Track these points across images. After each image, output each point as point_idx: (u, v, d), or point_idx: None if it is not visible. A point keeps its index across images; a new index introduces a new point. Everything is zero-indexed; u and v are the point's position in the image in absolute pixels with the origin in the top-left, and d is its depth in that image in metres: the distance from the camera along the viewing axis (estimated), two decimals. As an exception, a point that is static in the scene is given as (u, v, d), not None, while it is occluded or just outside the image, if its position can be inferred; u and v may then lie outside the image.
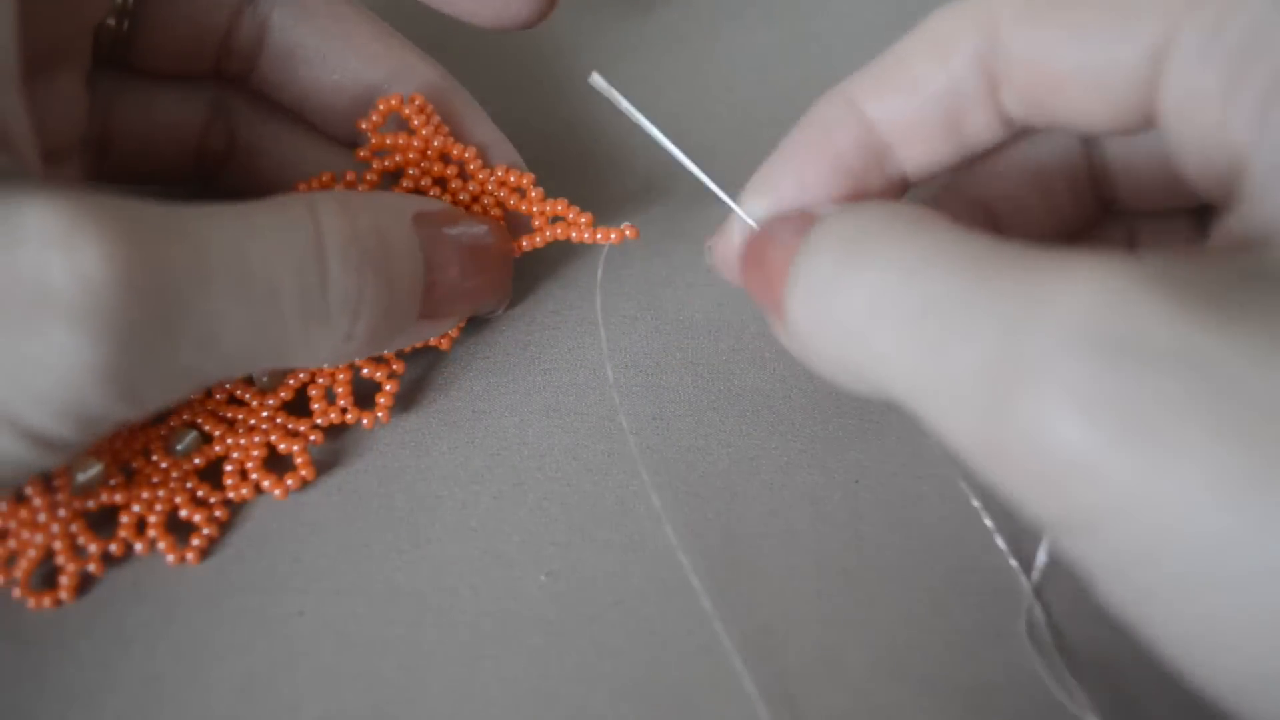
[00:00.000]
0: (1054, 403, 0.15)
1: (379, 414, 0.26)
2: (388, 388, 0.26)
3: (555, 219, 0.26)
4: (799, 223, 0.21)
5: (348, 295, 0.22)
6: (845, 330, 0.18)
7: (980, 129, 0.22)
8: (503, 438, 0.27)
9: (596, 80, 0.23)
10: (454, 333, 0.27)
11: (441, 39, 0.30)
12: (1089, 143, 0.23)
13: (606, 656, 0.23)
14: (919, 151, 0.22)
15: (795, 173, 0.23)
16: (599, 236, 0.26)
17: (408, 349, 0.27)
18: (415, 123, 0.26)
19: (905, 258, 0.18)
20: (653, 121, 0.24)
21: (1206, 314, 0.14)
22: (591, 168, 0.32)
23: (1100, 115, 0.20)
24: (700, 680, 0.22)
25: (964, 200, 0.24)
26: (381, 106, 0.26)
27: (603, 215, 0.26)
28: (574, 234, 0.26)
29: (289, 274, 0.21)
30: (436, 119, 0.27)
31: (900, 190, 0.23)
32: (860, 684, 0.22)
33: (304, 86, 0.27)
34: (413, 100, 0.26)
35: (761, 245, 0.22)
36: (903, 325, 0.17)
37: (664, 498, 0.25)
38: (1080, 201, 0.24)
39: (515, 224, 0.27)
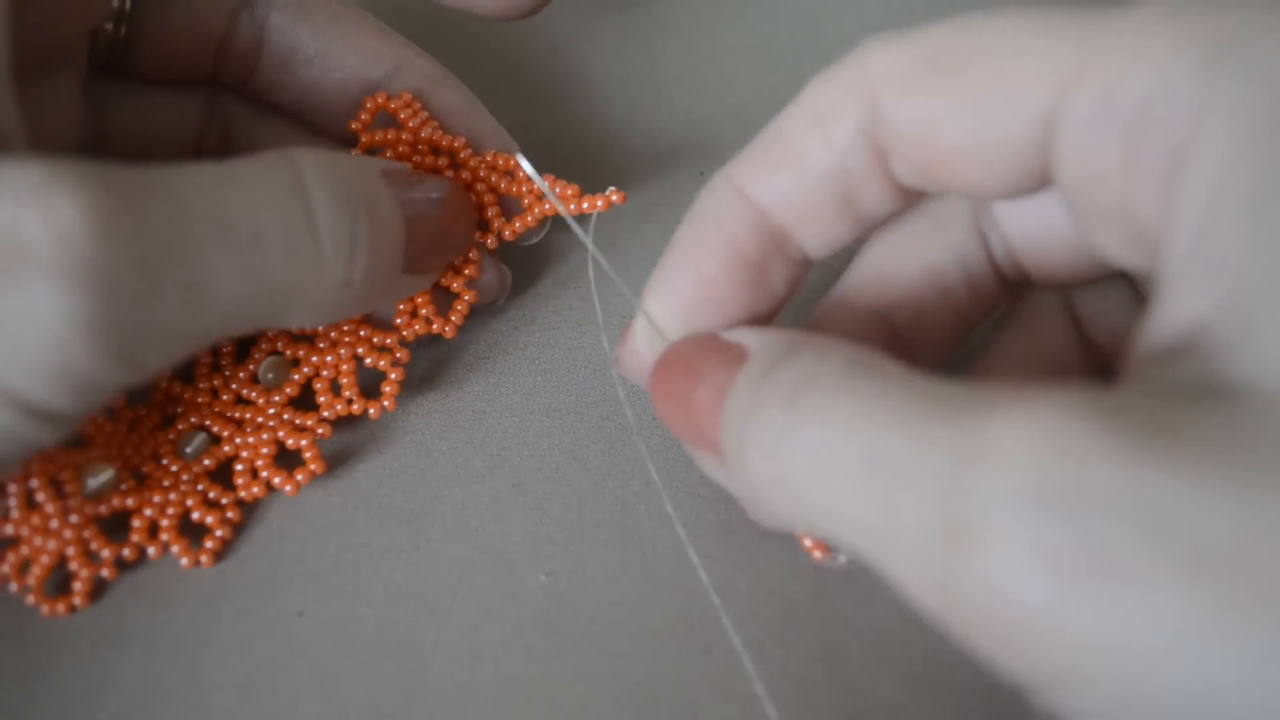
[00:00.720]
0: (1006, 560, 0.14)
1: (385, 403, 0.26)
2: (393, 376, 0.26)
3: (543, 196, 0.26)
4: (721, 356, 0.20)
5: (340, 235, 0.21)
6: (797, 486, 0.17)
7: (875, 202, 0.21)
8: (503, 438, 0.27)
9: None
10: (458, 320, 0.27)
11: (437, 36, 0.30)
12: (984, 233, 0.22)
13: (606, 656, 0.23)
14: (815, 232, 0.21)
15: (693, 269, 0.22)
16: (584, 205, 0.25)
17: (411, 337, 0.27)
18: (402, 117, 0.26)
19: (844, 409, 0.17)
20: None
21: (1148, 450, 0.14)
22: (590, 163, 0.32)
23: (994, 183, 0.19)
24: (700, 680, 0.22)
25: (857, 312, 0.23)
26: (369, 105, 0.27)
27: (602, 213, 0.26)
28: (561, 207, 0.26)
29: (272, 217, 0.20)
30: (424, 113, 0.27)
31: (804, 269, 0.22)
32: (860, 684, 0.22)
33: (305, 86, 0.27)
34: (400, 97, 0.27)
35: (682, 380, 0.21)
36: (848, 481, 0.16)
37: (664, 497, 0.25)
38: (980, 296, 0.23)
39: (508, 209, 0.27)
